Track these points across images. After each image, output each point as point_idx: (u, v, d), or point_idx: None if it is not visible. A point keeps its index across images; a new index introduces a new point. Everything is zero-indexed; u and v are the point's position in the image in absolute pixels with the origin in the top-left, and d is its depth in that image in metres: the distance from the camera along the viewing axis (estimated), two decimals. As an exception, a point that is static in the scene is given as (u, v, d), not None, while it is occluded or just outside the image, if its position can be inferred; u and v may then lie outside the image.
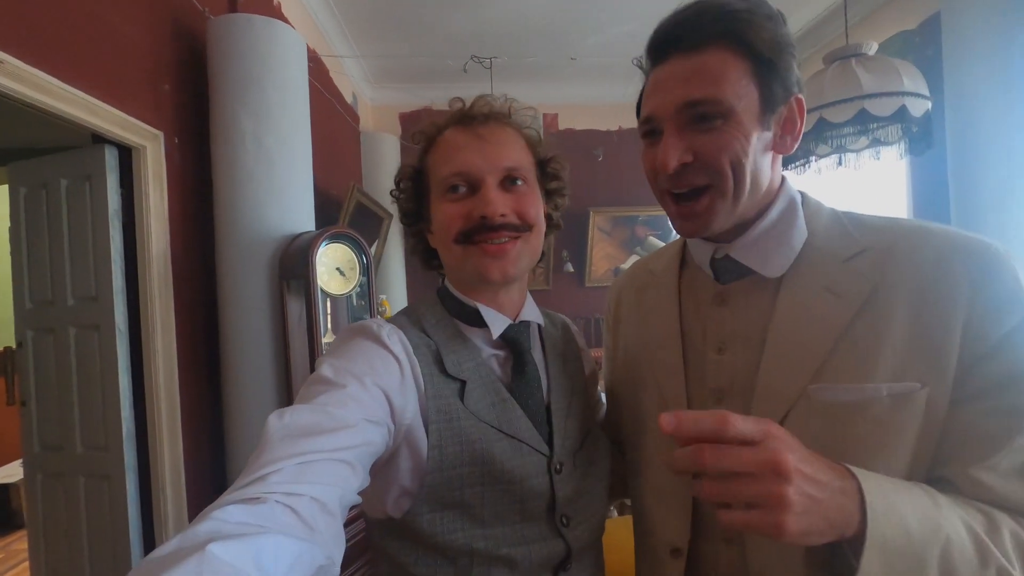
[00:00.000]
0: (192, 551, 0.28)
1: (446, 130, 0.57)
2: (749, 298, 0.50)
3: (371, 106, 3.93)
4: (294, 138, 1.73)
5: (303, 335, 1.67)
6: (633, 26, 2.96)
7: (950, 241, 0.42)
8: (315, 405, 0.43)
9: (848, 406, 0.42)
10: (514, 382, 0.56)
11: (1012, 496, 0.39)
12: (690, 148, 0.45)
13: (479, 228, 0.52)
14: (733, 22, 0.44)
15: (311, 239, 1.62)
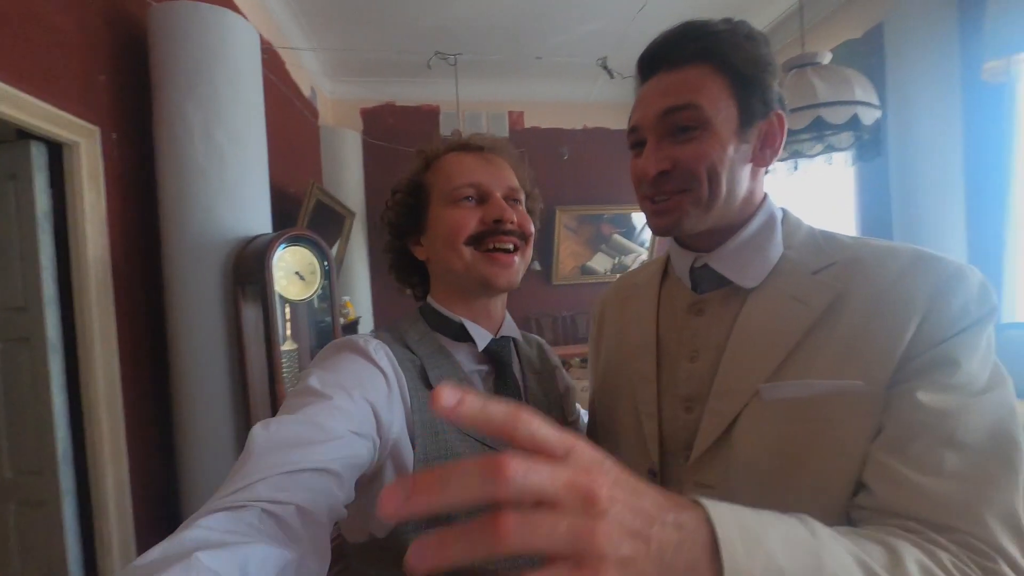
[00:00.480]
0: (178, 558, 0.28)
1: (448, 153, 0.62)
2: (723, 308, 0.51)
3: (331, 100, 3.79)
4: (247, 133, 1.63)
5: (260, 344, 1.58)
6: (597, 25, 2.98)
7: (917, 257, 0.44)
8: (301, 416, 0.42)
9: (795, 403, 0.43)
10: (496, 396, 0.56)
11: (922, 492, 0.36)
12: (669, 157, 0.47)
13: (491, 231, 0.56)
14: (713, 42, 0.47)
15: (268, 242, 1.54)
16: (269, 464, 0.38)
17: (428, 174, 0.62)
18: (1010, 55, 2.00)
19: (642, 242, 4.35)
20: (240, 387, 1.57)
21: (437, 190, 0.60)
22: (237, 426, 1.57)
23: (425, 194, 0.61)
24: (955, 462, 0.37)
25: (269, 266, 1.50)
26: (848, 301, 0.44)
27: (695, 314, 0.53)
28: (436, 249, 0.60)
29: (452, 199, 0.58)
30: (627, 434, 0.56)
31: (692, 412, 0.50)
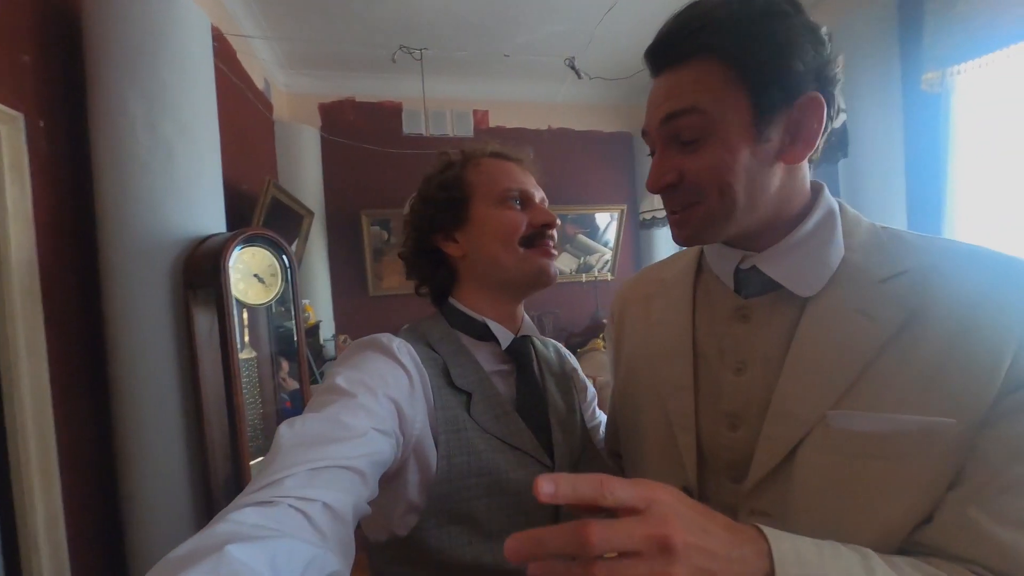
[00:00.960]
0: (210, 551, 0.29)
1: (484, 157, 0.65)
2: (773, 315, 0.46)
3: (286, 94, 3.61)
4: (198, 125, 1.50)
5: (215, 352, 1.46)
6: (563, 27, 2.98)
7: (1001, 266, 0.39)
8: (326, 414, 0.44)
9: (872, 438, 0.38)
10: (519, 395, 0.58)
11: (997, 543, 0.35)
12: (675, 168, 0.43)
13: (540, 234, 0.61)
14: (713, 31, 0.41)
15: (223, 242, 1.42)
16: (295, 461, 0.39)
17: (468, 172, 0.64)
18: (945, 67, 2.16)
19: (606, 242, 4.41)
20: (192, 401, 1.44)
21: (481, 190, 0.62)
22: (189, 444, 1.44)
23: (466, 191, 0.62)
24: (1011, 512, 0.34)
25: (225, 268, 1.38)
26: (926, 319, 0.39)
27: (739, 320, 0.48)
28: (483, 246, 0.61)
29: (500, 200, 0.61)
30: (655, 447, 0.51)
31: (738, 430, 0.45)
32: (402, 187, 3.84)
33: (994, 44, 1.95)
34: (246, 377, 1.54)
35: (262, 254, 1.57)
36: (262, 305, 1.59)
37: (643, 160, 4.34)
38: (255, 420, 1.61)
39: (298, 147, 3.46)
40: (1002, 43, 1.92)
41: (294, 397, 2.33)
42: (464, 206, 0.62)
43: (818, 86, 0.42)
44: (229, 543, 0.30)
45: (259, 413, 1.64)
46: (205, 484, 1.45)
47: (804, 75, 0.41)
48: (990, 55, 1.97)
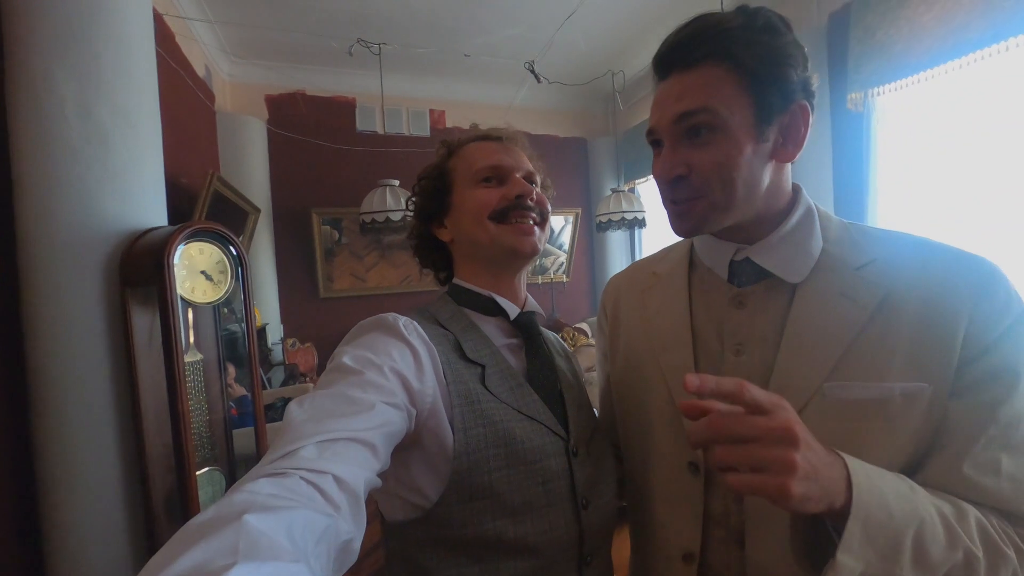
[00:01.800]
0: (229, 520, 0.30)
1: (470, 143, 0.67)
2: (767, 301, 0.51)
3: (229, 83, 3.41)
4: (138, 111, 1.39)
5: (156, 355, 1.35)
6: (520, 30, 3.01)
7: (953, 256, 0.47)
8: (334, 391, 0.45)
9: (862, 404, 0.45)
10: (529, 367, 0.60)
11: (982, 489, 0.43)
12: (685, 161, 0.48)
13: (514, 206, 0.61)
14: (724, 40, 0.46)
15: (166, 236, 1.32)
16: (305, 434, 0.40)
17: (451, 161, 0.66)
18: (866, 89, 2.38)
19: (560, 245, 4.49)
20: (130, 406, 1.32)
21: (460, 174, 0.64)
22: (124, 456, 1.32)
23: (448, 179, 0.65)
24: (1009, 464, 0.43)
25: (169, 264, 1.28)
26: (897, 301, 0.46)
27: (736, 307, 0.52)
28: (462, 227, 0.63)
29: (474, 180, 0.63)
30: (661, 427, 0.55)
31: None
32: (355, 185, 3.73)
33: (909, 70, 2.17)
34: (191, 382, 1.44)
35: (210, 249, 1.47)
36: (211, 304, 1.48)
37: (597, 165, 4.46)
38: (201, 428, 1.50)
39: (243, 140, 3.28)
40: (916, 69, 2.14)
41: (241, 404, 2.20)
42: (448, 194, 0.65)
43: (805, 96, 0.48)
44: (247, 512, 0.30)
45: (205, 420, 1.53)
46: (145, 500, 1.34)
47: (796, 85, 0.47)
48: (905, 79, 2.19)
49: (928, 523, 0.40)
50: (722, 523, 0.51)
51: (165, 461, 1.38)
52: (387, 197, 2.65)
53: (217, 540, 0.28)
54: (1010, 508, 0.43)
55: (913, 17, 2.16)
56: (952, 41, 2.02)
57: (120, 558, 1.31)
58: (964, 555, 0.40)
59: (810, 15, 2.70)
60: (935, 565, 0.39)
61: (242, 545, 0.28)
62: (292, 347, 3.55)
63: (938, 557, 0.39)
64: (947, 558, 0.39)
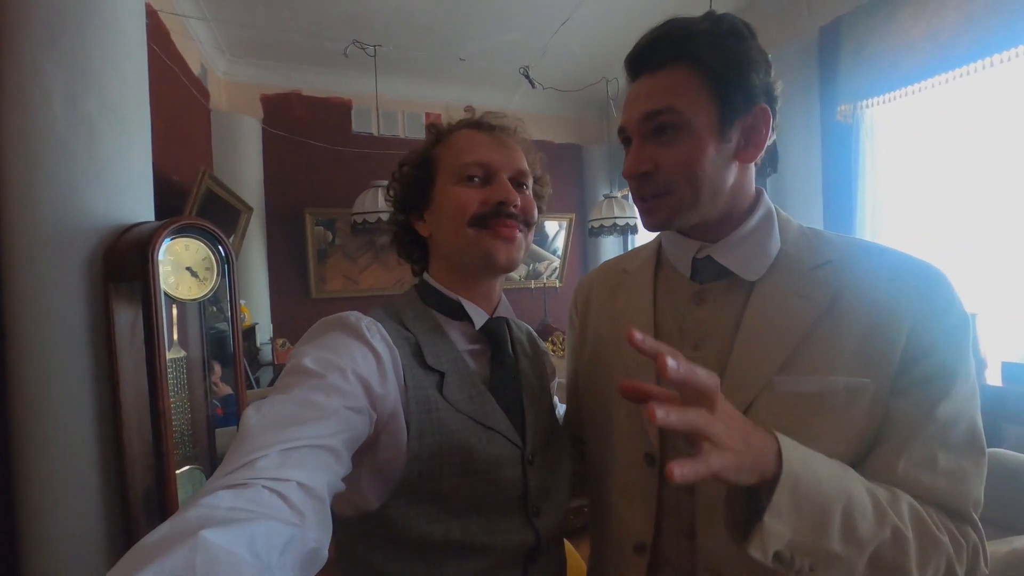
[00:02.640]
0: (184, 536, 0.28)
1: (460, 129, 0.61)
2: (726, 298, 0.52)
3: (225, 82, 3.41)
4: (126, 104, 1.38)
5: (138, 351, 1.34)
6: (517, 35, 3.03)
7: (901, 261, 0.49)
8: (294, 395, 0.43)
9: (808, 396, 0.46)
10: (492, 375, 0.58)
11: (918, 484, 0.44)
12: (652, 158, 0.49)
13: (495, 213, 0.56)
14: (690, 44, 0.48)
15: (152, 231, 1.31)
16: (266, 442, 0.38)
17: (438, 148, 0.61)
18: (856, 101, 2.41)
19: (554, 250, 4.50)
20: (108, 405, 1.31)
21: (445, 166, 0.60)
22: (104, 454, 1.30)
23: (433, 169, 0.60)
24: (945, 460, 0.44)
25: (153, 259, 1.27)
26: (847, 301, 0.47)
27: (696, 303, 0.54)
28: (439, 226, 0.59)
29: (458, 177, 0.58)
30: (622, 420, 0.56)
31: None
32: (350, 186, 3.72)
33: (897, 83, 2.21)
34: (173, 379, 1.42)
35: (196, 246, 1.46)
36: (195, 301, 1.47)
37: (591, 171, 4.49)
38: (183, 426, 1.48)
39: (237, 138, 3.27)
40: (904, 83, 2.18)
41: (227, 403, 2.18)
42: (430, 185, 0.60)
43: (767, 100, 0.50)
44: (204, 528, 0.29)
45: (187, 419, 1.51)
46: (122, 498, 1.32)
47: (758, 88, 0.49)
48: (894, 92, 2.23)
49: (857, 499, 0.41)
50: (675, 514, 0.52)
51: (145, 459, 1.36)
52: (379, 198, 2.65)
53: (171, 559, 0.27)
54: (947, 503, 0.45)
55: (902, 32, 2.20)
56: (939, 56, 2.05)
57: (96, 554, 1.29)
58: (892, 532, 0.41)
59: (801, 28, 2.74)
60: (864, 540, 0.40)
61: (199, 562, 0.27)
62: (282, 347, 3.53)
63: (867, 532, 0.40)
64: (876, 534, 0.40)
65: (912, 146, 2.32)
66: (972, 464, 0.45)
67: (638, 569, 0.53)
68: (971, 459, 0.45)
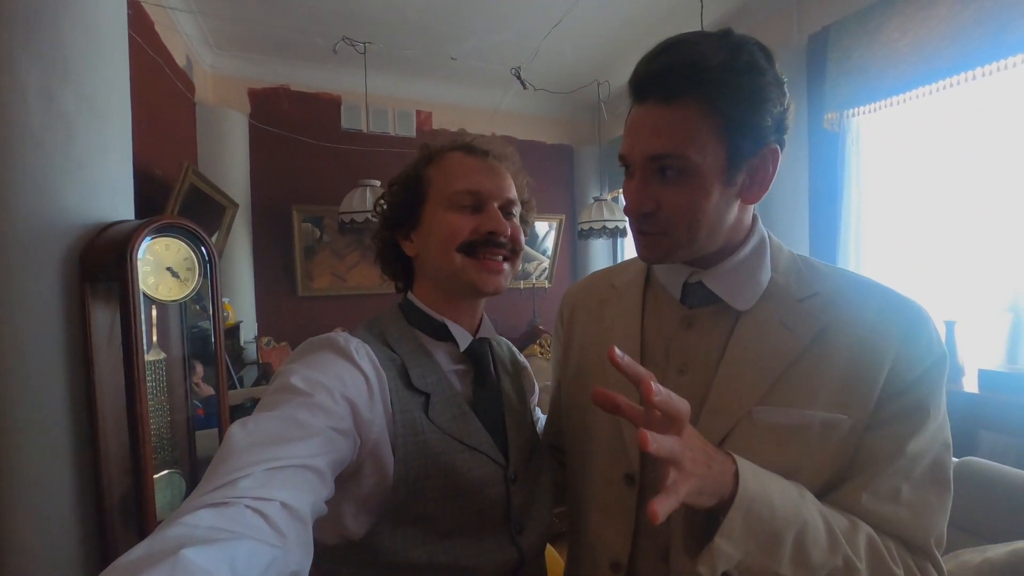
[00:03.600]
0: (163, 556, 0.28)
1: (452, 151, 0.62)
2: (713, 324, 0.52)
3: (211, 75, 3.34)
4: (106, 99, 1.35)
5: (115, 353, 1.31)
6: (509, 35, 3.02)
7: (887, 298, 0.49)
8: (280, 413, 0.42)
9: (785, 428, 0.46)
10: (475, 395, 0.58)
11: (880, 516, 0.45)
12: (654, 197, 0.48)
13: (484, 242, 0.57)
14: (706, 82, 0.44)
15: (131, 230, 1.27)
16: (250, 461, 0.37)
17: (429, 169, 0.61)
18: (843, 109, 2.44)
19: (544, 250, 4.50)
20: (84, 408, 1.27)
21: (435, 189, 0.60)
22: (79, 457, 1.27)
23: (423, 189, 0.60)
24: (908, 493, 0.45)
25: (132, 259, 1.24)
26: (832, 336, 0.47)
27: (684, 327, 0.54)
28: (427, 249, 0.59)
29: (450, 203, 0.58)
30: (603, 438, 0.56)
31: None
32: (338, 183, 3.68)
33: (883, 93, 2.24)
34: (152, 381, 1.39)
35: (177, 245, 1.43)
36: (175, 302, 1.44)
37: (582, 173, 4.49)
38: (161, 429, 1.45)
39: (223, 133, 3.21)
40: (889, 93, 2.21)
41: (209, 404, 2.14)
42: (420, 206, 0.60)
43: (777, 136, 0.48)
44: (184, 547, 0.28)
45: (167, 421, 1.48)
46: (97, 504, 1.29)
47: (770, 127, 0.47)
48: (880, 102, 2.26)
49: (811, 526, 0.41)
50: (651, 535, 0.52)
51: (122, 463, 1.33)
52: (367, 197, 2.62)
53: None
54: (908, 536, 0.45)
55: (888, 42, 2.23)
56: (924, 68, 2.08)
57: (70, 559, 1.26)
58: (844, 562, 0.41)
59: (790, 35, 2.77)
60: (814, 566, 0.41)
61: None
62: (267, 346, 3.48)
63: (818, 559, 0.41)
64: (827, 561, 0.41)
65: (897, 156, 2.35)
66: (936, 498, 0.46)
67: None
68: (935, 493, 0.45)
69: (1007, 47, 1.83)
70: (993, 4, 1.88)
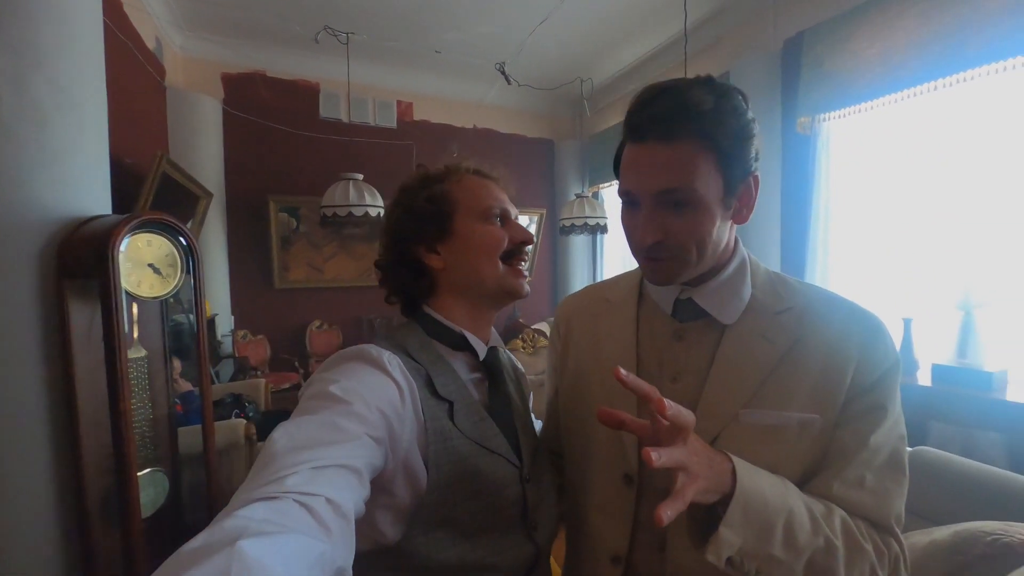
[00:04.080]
0: (221, 546, 0.29)
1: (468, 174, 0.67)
2: (703, 337, 0.58)
3: (181, 57, 3.22)
4: (80, 87, 1.30)
5: (95, 351, 1.28)
6: (492, 28, 3.01)
7: (850, 311, 0.56)
8: (320, 418, 0.44)
9: (767, 428, 0.52)
10: (491, 402, 0.62)
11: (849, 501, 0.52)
12: (662, 227, 0.53)
13: (516, 251, 0.64)
14: (703, 122, 0.50)
15: (110, 227, 1.24)
16: (294, 461, 0.39)
17: (452, 187, 0.64)
18: (814, 114, 2.54)
19: (525, 244, 4.53)
20: (63, 407, 1.25)
21: (465, 204, 0.64)
22: (58, 454, 1.24)
23: (451, 206, 0.63)
24: (871, 480, 0.52)
25: (114, 257, 1.21)
26: (805, 345, 0.54)
27: (676, 340, 0.59)
28: (465, 260, 0.62)
29: (485, 216, 0.63)
30: (602, 442, 0.61)
31: None
32: (316, 173, 3.62)
33: (852, 100, 2.34)
34: (134, 379, 1.37)
35: (159, 241, 1.40)
36: (158, 299, 1.41)
37: (563, 167, 4.52)
38: (144, 427, 1.43)
39: (195, 119, 3.11)
40: (858, 100, 2.31)
41: (186, 400, 2.10)
42: (448, 220, 0.63)
43: (756, 165, 0.55)
44: (241, 539, 0.30)
45: (148, 419, 1.46)
46: (78, 502, 1.26)
47: (753, 159, 0.54)
48: (849, 108, 2.36)
49: (796, 513, 0.48)
50: (648, 529, 0.58)
51: (103, 462, 1.31)
52: (350, 190, 2.59)
53: (208, 567, 0.28)
54: (873, 517, 0.52)
55: (858, 51, 2.33)
56: (889, 77, 2.19)
57: (50, 560, 1.24)
58: (825, 541, 0.48)
59: (766, 40, 2.85)
60: (801, 547, 0.47)
61: (234, 571, 0.28)
62: (243, 339, 3.42)
63: (804, 541, 0.47)
64: (811, 542, 0.47)
65: (863, 160, 2.47)
66: (894, 484, 0.52)
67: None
68: (894, 480, 0.52)
69: (965, 61, 1.94)
70: (953, 19, 1.99)
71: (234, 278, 3.46)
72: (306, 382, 0.53)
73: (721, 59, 3.03)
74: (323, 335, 3.76)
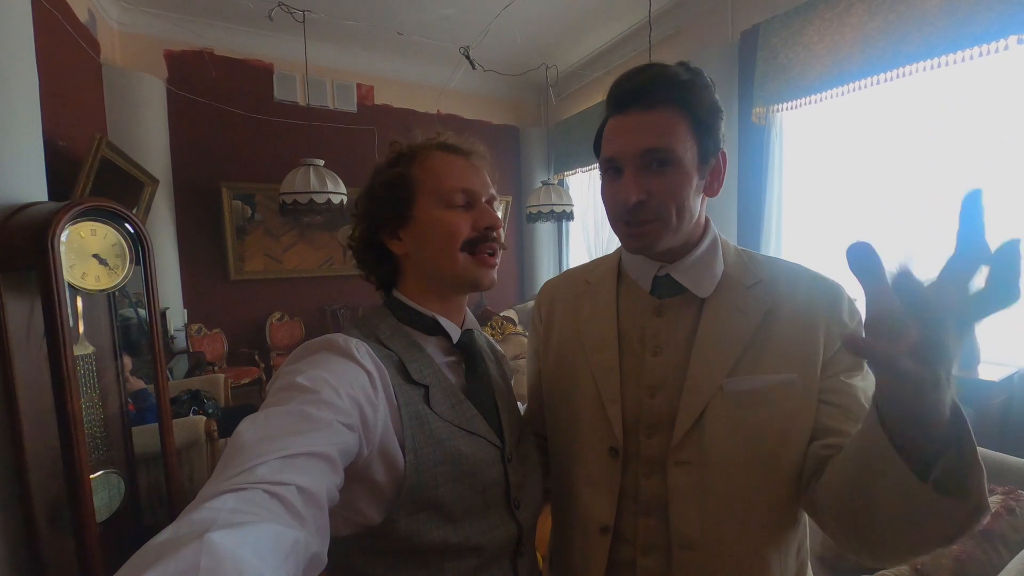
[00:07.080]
0: (190, 539, 0.29)
1: (435, 151, 0.62)
2: (681, 311, 0.61)
3: (119, 32, 2.99)
4: (9, 65, 1.18)
5: (36, 349, 1.19)
6: (454, 11, 2.95)
7: (813, 280, 0.60)
8: (289, 408, 0.43)
9: (751, 393, 0.55)
10: (468, 384, 0.61)
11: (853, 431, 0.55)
12: (646, 188, 0.55)
13: (483, 238, 0.60)
14: (681, 89, 0.54)
15: (49, 214, 1.15)
16: (263, 451, 0.38)
17: (414, 168, 0.61)
18: (768, 105, 2.65)
19: (491, 232, 4.52)
20: (4, 410, 1.16)
21: (426, 188, 0.60)
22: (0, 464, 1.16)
23: (410, 189, 0.60)
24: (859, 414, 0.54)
25: (54, 246, 1.13)
26: (777, 314, 0.58)
27: (656, 315, 0.62)
28: (424, 249, 0.60)
29: (445, 202, 0.59)
30: (588, 417, 0.64)
31: (655, 398, 0.59)
32: (272, 158, 3.46)
33: (803, 92, 2.45)
34: (82, 378, 1.29)
35: (104, 230, 1.31)
36: (105, 291, 1.32)
37: (529, 154, 4.52)
38: (95, 427, 1.35)
39: (136, 100, 2.90)
40: (808, 92, 2.43)
41: (139, 398, 1.99)
42: (408, 205, 0.60)
43: (724, 144, 0.58)
44: (210, 530, 0.29)
45: (99, 419, 1.38)
46: (24, 509, 1.18)
47: (722, 136, 0.57)
48: (801, 100, 2.47)
49: None
50: (632, 498, 0.60)
51: (50, 466, 1.23)
52: (311, 177, 2.50)
53: (176, 560, 0.27)
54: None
55: (809, 45, 2.44)
56: (837, 71, 2.31)
57: (-7, 576, 1.16)
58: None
59: (725, 32, 2.94)
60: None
61: (204, 563, 0.27)
62: (197, 334, 3.26)
63: None
64: None
65: (816, 150, 2.60)
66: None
67: (603, 547, 0.61)
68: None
69: (905, 57, 2.07)
70: (896, 17, 2.11)
71: (185, 270, 3.28)
72: (273, 376, 0.51)
73: (681, 50, 3.10)
74: (284, 327, 3.64)
